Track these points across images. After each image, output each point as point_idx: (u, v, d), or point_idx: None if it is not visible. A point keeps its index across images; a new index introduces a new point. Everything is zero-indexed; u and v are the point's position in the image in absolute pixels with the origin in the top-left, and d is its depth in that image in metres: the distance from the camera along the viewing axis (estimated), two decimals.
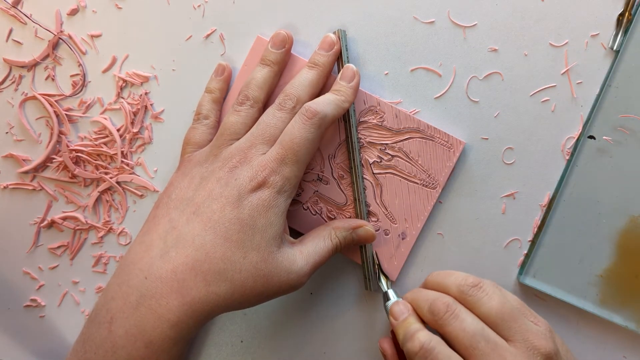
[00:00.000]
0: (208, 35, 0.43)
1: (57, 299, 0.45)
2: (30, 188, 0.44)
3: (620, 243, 0.40)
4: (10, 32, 0.44)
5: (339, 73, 0.40)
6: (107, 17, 0.44)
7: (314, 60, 0.40)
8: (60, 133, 0.44)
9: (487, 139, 0.42)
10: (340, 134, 0.42)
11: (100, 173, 0.44)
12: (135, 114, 0.44)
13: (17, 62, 0.43)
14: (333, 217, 0.42)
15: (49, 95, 0.44)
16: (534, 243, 0.42)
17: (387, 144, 0.42)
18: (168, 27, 0.43)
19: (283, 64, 0.41)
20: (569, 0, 0.41)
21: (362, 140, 0.42)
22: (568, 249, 0.41)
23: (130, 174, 0.44)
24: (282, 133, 0.37)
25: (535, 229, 0.42)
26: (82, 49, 0.44)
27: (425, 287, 0.39)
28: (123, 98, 0.44)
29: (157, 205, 0.38)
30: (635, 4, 0.40)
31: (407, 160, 0.42)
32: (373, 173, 0.42)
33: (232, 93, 0.43)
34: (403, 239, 0.42)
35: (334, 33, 0.41)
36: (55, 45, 0.44)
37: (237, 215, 0.35)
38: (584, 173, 0.41)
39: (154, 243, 0.36)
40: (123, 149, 0.44)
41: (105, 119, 0.44)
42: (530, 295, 0.42)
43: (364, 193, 0.42)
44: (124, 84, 0.44)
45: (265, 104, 0.40)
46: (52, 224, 0.44)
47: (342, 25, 0.42)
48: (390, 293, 0.40)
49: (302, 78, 0.39)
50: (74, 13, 0.44)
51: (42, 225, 0.44)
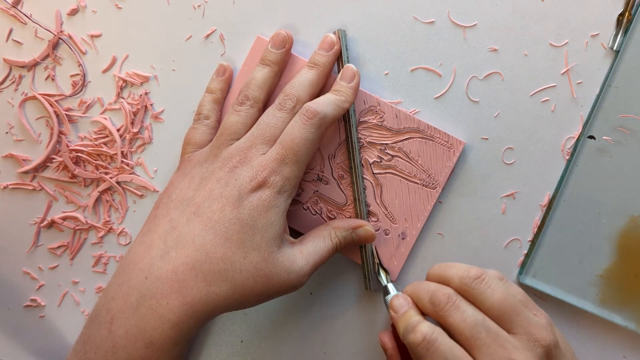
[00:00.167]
0: (208, 35, 0.43)
1: (57, 299, 0.45)
2: (30, 188, 0.44)
3: (620, 243, 0.40)
4: (10, 32, 0.44)
5: (339, 73, 0.40)
6: (107, 17, 0.44)
7: (314, 60, 0.40)
8: (60, 133, 0.44)
9: (487, 139, 0.42)
10: (340, 134, 0.42)
11: (100, 173, 0.44)
12: (135, 114, 0.44)
13: (17, 62, 0.43)
14: (333, 217, 0.42)
15: (49, 95, 0.44)
16: (534, 243, 0.42)
17: (387, 144, 0.42)
18: (168, 27, 0.43)
19: (283, 64, 0.41)
20: (569, 0, 0.41)
21: (362, 140, 0.42)
22: (568, 249, 0.41)
23: (130, 174, 0.44)
24: (282, 133, 0.37)
25: (535, 229, 0.42)
26: (82, 49, 0.44)
27: (428, 279, 0.39)
28: (123, 98, 0.44)
29: (157, 206, 0.38)
30: (635, 4, 0.40)
31: (407, 160, 0.42)
32: (373, 173, 0.42)
33: (232, 93, 0.43)
34: (403, 239, 0.42)
35: (334, 33, 0.41)
36: (55, 45, 0.44)
37: (237, 215, 0.35)
38: (584, 173, 0.41)
39: (154, 243, 0.36)
40: (123, 149, 0.44)
41: (105, 119, 0.44)
42: (530, 295, 0.41)
43: (364, 193, 0.42)
44: (124, 84, 0.44)
45: (266, 104, 0.40)
46: (52, 224, 0.44)
47: (342, 25, 0.42)
48: (390, 287, 0.40)
49: (302, 78, 0.39)
50: (74, 13, 0.44)
51: (42, 225, 0.44)
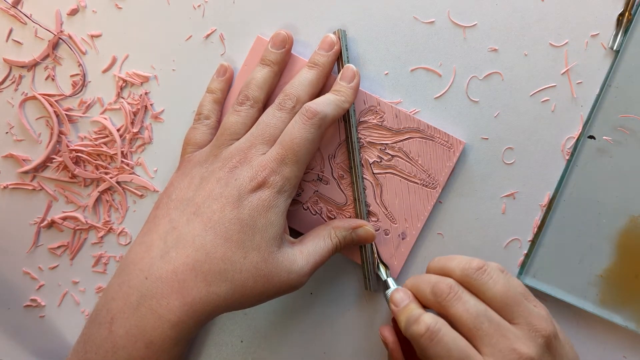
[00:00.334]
0: (208, 35, 0.43)
1: (57, 299, 0.45)
2: (30, 188, 0.44)
3: (620, 243, 0.40)
4: (10, 32, 0.44)
5: (339, 73, 0.40)
6: (107, 17, 0.44)
7: (314, 60, 0.40)
8: (60, 133, 0.44)
9: (487, 139, 0.42)
10: (340, 134, 0.42)
11: (100, 173, 0.44)
12: (135, 114, 0.44)
13: (17, 62, 0.43)
14: (333, 217, 0.42)
15: (49, 95, 0.44)
16: (534, 243, 0.42)
17: (387, 144, 0.42)
18: (168, 27, 0.43)
19: (283, 64, 0.41)
20: (569, 0, 0.41)
21: (362, 140, 0.42)
22: (568, 249, 0.41)
23: (130, 174, 0.44)
24: (282, 133, 0.37)
25: (535, 229, 0.42)
26: (82, 49, 0.44)
27: (428, 272, 0.39)
28: (123, 98, 0.44)
29: (157, 206, 0.38)
30: (635, 4, 0.40)
31: (407, 160, 0.42)
32: (373, 173, 0.42)
33: (232, 93, 0.43)
34: (403, 239, 0.42)
35: (334, 33, 0.41)
36: (55, 45, 0.44)
37: (237, 216, 0.35)
38: (584, 173, 0.41)
39: (155, 243, 0.36)
40: (123, 149, 0.44)
41: (105, 119, 0.44)
42: None
43: (364, 193, 0.42)
44: (124, 84, 0.44)
45: (265, 104, 0.40)
46: (52, 224, 0.44)
47: (342, 25, 0.42)
48: (390, 281, 0.40)
49: (302, 78, 0.39)
50: (74, 13, 0.44)
51: (42, 225, 0.44)
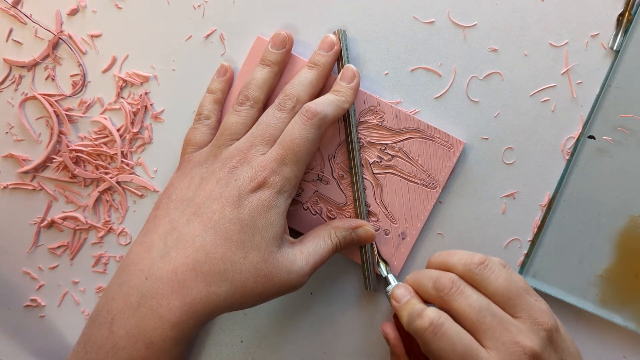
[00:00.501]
0: (208, 35, 0.43)
1: (57, 299, 0.45)
2: (30, 188, 0.44)
3: (620, 243, 0.40)
4: (10, 32, 0.44)
5: (339, 73, 0.40)
6: (107, 17, 0.44)
7: (314, 61, 0.40)
8: (60, 133, 0.44)
9: (487, 139, 0.42)
10: (340, 134, 0.42)
11: (100, 173, 0.44)
12: (135, 114, 0.44)
13: (17, 62, 0.43)
14: (333, 217, 0.42)
15: (49, 95, 0.44)
16: (534, 243, 0.42)
17: (387, 144, 0.42)
18: (168, 27, 0.43)
19: (283, 64, 0.41)
20: (569, 0, 0.41)
21: (362, 140, 0.42)
22: (568, 249, 0.41)
23: (130, 174, 0.44)
24: (282, 133, 0.37)
25: (535, 229, 0.42)
26: (82, 49, 0.44)
27: (429, 267, 0.39)
28: (123, 98, 0.44)
29: (157, 206, 0.38)
30: (635, 4, 0.40)
31: (407, 160, 0.42)
32: (373, 173, 0.42)
33: (232, 93, 0.43)
34: (403, 239, 0.42)
35: (334, 33, 0.41)
36: (55, 45, 0.44)
37: (237, 216, 0.35)
38: (584, 173, 0.41)
39: (155, 244, 0.36)
40: (123, 149, 0.44)
41: (105, 119, 0.44)
42: None
43: (364, 193, 0.42)
44: (124, 84, 0.44)
45: (266, 104, 0.40)
46: (52, 224, 0.44)
47: (342, 25, 0.42)
48: (390, 277, 0.40)
49: (301, 78, 0.39)
50: (74, 13, 0.44)
51: (42, 225, 0.44)
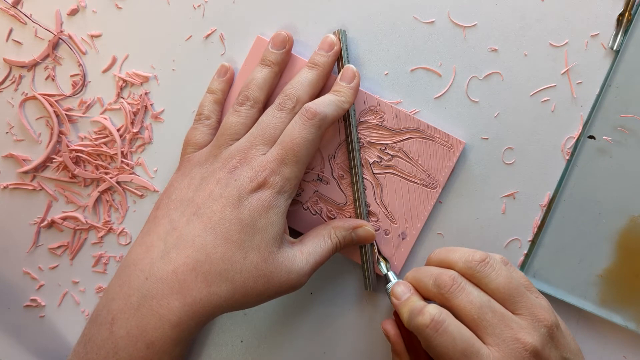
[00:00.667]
0: (208, 35, 0.43)
1: (57, 299, 0.45)
2: (30, 188, 0.44)
3: (620, 243, 0.40)
4: (10, 32, 0.44)
5: (339, 73, 0.40)
6: (107, 17, 0.44)
7: (314, 61, 0.40)
8: (60, 133, 0.44)
9: (487, 139, 0.42)
10: (340, 134, 0.42)
11: (100, 173, 0.44)
12: (135, 114, 0.44)
13: (17, 62, 0.43)
14: (333, 217, 0.42)
15: (49, 95, 0.44)
16: (534, 243, 0.42)
17: (387, 144, 0.42)
18: (168, 27, 0.43)
19: (283, 65, 0.41)
20: (569, 0, 0.41)
21: (362, 140, 0.42)
22: (568, 249, 0.41)
23: (130, 174, 0.44)
24: (282, 133, 0.37)
25: (535, 229, 0.42)
26: (82, 49, 0.44)
27: (429, 264, 0.39)
28: (123, 98, 0.44)
29: (157, 206, 0.38)
30: (635, 4, 0.40)
31: (407, 160, 0.42)
32: (373, 173, 0.42)
33: (232, 93, 0.43)
34: (403, 239, 0.42)
35: (334, 33, 0.41)
36: (55, 45, 0.44)
37: (237, 216, 0.35)
38: (584, 173, 0.41)
39: (155, 244, 0.36)
40: (123, 149, 0.44)
41: (105, 119, 0.44)
42: None
43: (364, 193, 0.42)
44: (124, 84, 0.44)
45: (266, 105, 0.40)
46: (52, 224, 0.44)
47: (342, 25, 0.42)
48: (391, 275, 0.40)
49: (301, 78, 0.39)
50: (74, 13, 0.44)
51: (42, 225, 0.44)
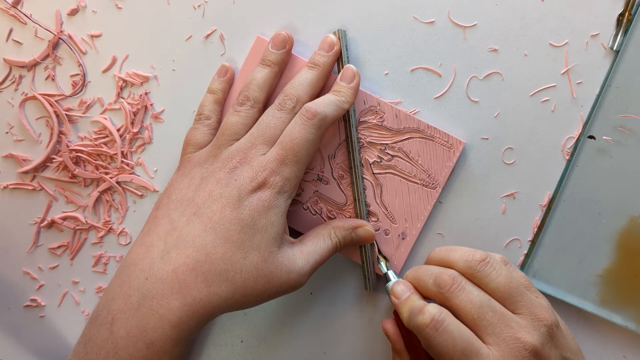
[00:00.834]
0: (208, 35, 0.43)
1: (57, 299, 0.45)
2: (30, 188, 0.44)
3: (620, 243, 0.40)
4: (10, 32, 0.44)
5: (339, 73, 0.40)
6: (107, 17, 0.44)
7: (314, 61, 0.40)
8: (60, 133, 0.44)
9: (487, 139, 0.42)
10: (340, 134, 0.42)
11: (100, 173, 0.44)
12: (135, 114, 0.44)
13: (17, 62, 0.43)
14: (333, 217, 0.42)
15: (49, 95, 0.44)
16: (534, 243, 0.42)
17: (387, 144, 0.42)
18: (168, 27, 0.43)
19: (283, 65, 0.41)
20: (569, 0, 0.41)
21: (362, 140, 0.42)
22: (568, 249, 0.41)
23: (130, 174, 0.44)
24: (282, 133, 0.37)
25: (535, 229, 0.42)
26: (82, 49, 0.44)
27: (429, 263, 0.39)
28: (123, 98, 0.44)
29: (157, 206, 0.38)
30: (635, 4, 0.40)
31: (407, 160, 0.42)
32: (373, 173, 0.42)
33: (232, 93, 0.43)
34: (403, 239, 0.42)
35: (334, 33, 0.41)
36: (55, 45, 0.44)
37: (237, 216, 0.35)
38: (584, 173, 0.41)
39: (155, 244, 0.36)
40: (123, 149, 0.44)
41: (105, 119, 0.44)
42: None
43: (364, 193, 0.42)
44: (124, 84, 0.44)
45: (266, 105, 0.40)
46: (52, 224, 0.44)
47: (342, 25, 0.42)
48: (390, 274, 0.40)
49: (301, 78, 0.39)
50: (74, 13, 0.44)
51: (42, 225, 0.44)
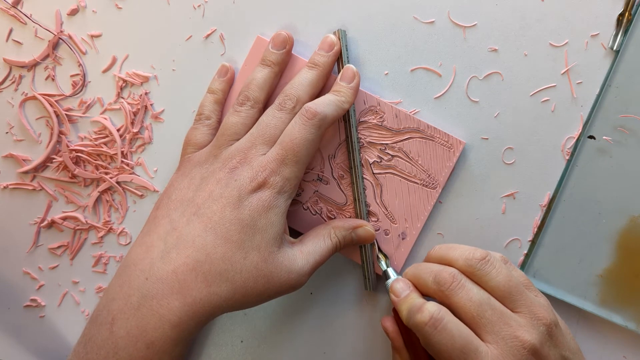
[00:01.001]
0: (208, 35, 0.43)
1: (57, 299, 0.45)
2: (30, 188, 0.44)
3: (620, 243, 0.40)
4: (10, 32, 0.44)
5: (339, 73, 0.40)
6: (107, 17, 0.44)
7: (314, 61, 0.40)
8: (60, 133, 0.44)
9: (487, 139, 0.42)
10: (340, 134, 0.42)
11: (100, 173, 0.44)
12: (135, 114, 0.44)
13: (17, 62, 0.43)
14: (333, 217, 0.42)
15: (49, 95, 0.44)
16: (534, 243, 0.42)
17: (387, 144, 0.42)
18: (168, 27, 0.43)
19: (283, 65, 0.41)
20: (569, 0, 0.41)
21: (362, 140, 0.42)
22: (568, 249, 0.41)
23: (130, 174, 0.44)
24: (282, 133, 0.37)
25: (535, 229, 0.42)
26: (82, 49, 0.44)
27: (428, 261, 0.39)
28: (123, 98, 0.44)
29: (157, 206, 0.38)
30: (635, 4, 0.40)
31: (407, 160, 0.42)
32: (373, 173, 0.42)
33: (232, 93, 0.43)
34: (403, 239, 0.42)
35: (334, 33, 0.41)
36: (55, 45, 0.44)
37: (237, 216, 0.35)
38: (584, 173, 0.41)
39: (155, 244, 0.36)
40: (123, 149, 0.44)
41: (105, 119, 0.44)
42: None
43: (364, 193, 0.42)
44: (124, 84, 0.44)
45: (266, 105, 0.40)
46: (52, 224, 0.44)
47: (342, 25, 0.42)
48: (390, 271, 0.40)
49: (301, 78, 0.39)
50: (74, 13, 0.44)
51: (42, 225, 0.44)
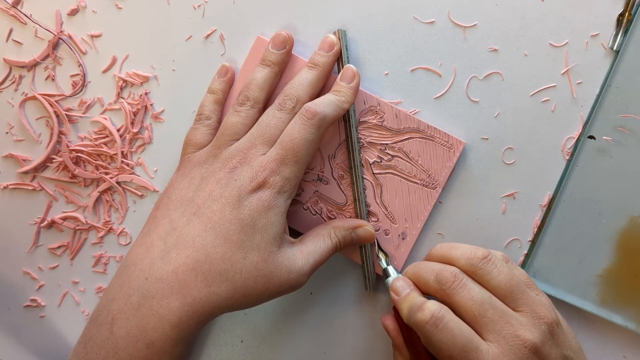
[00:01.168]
0: (208, 35, 0.43)
1: (57, 299, 0.45)
2: (30, 188, 0.44)
3: (620, 243, 0.40)
4: (10, 32, 0.44)
5: (339, 73, 0.40)
6: (107, 17, 0.44)
7: (314, 61, 0.40)
8: (60, 133, 0.44)
9: (487, 139, 0.42)
10: (340, 134, 0.42)
11: (100, 173, 0.44)
12: (135, 114, 0.44)
13: (17, 62, 0.43)
14: (333, 217, 0.42)
15: (49, 95, 0.44)
16: (534, 243, 0.42)
17: (387, 144, 0.42)
18: (168, 27, 0.43)
19: (283, 65, 0.41)
20: (569, 0, 0.41)
21: (362, 140, 0.42)
22: (568, 249, 0.41)
23: (130, 174, 0.44)
24: (282, 133, 0.37)
25: (535, 229, 0.42)
26: (82, 49, 0.44)
27: (429, 259, 0.39)
28: (123, 98, 0.44)
29: (157, 206, 0.38)
30: (635, 4, 0.40)
31: (407, 160, 0.42)
32: (373, 173, 0.42)
33: (232, 93, 0.43)
34: (403, 239, 0.42)
35: (334, 33, 0.41)
36: (55, 45, 0.44)
37: (237, 216, 0.35)
38: (584, 173, 0.41)
39: (155, 244, 0.36)
40: (123, 149, 0.44)
41: (105, 119, 0.44)
42: None
43: (364, 193, 0.42)
44: (124, 84, 0.44)
45: (266, 105, 0.40)
46: (52, 224, 0.44)
47: (342, 25, 0.42)
48: (390, 269, 0.40)
49: (301, 78, 0.39)
50: (74, 13, 0.44)
51: (42, 225, 0.44)
